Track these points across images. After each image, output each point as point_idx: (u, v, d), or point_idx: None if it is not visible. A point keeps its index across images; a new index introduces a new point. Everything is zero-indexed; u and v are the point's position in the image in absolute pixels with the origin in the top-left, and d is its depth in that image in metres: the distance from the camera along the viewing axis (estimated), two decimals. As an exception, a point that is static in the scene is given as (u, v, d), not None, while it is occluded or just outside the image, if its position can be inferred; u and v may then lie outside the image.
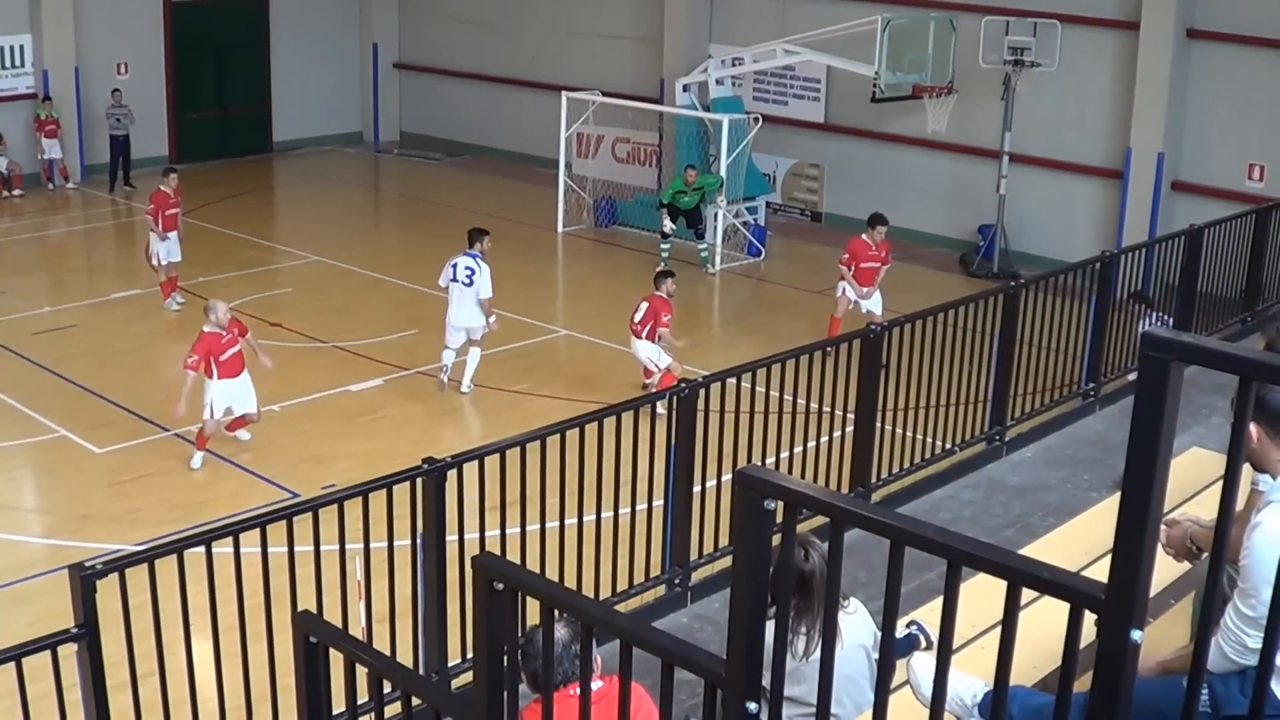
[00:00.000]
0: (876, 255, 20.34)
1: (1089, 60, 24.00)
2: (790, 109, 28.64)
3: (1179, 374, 2.86)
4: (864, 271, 20.28)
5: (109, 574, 7.46)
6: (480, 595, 4.21)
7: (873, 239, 20.27)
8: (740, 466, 3.94)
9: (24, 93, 30.97)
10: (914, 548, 3.17)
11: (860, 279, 20.26)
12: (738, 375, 10.73)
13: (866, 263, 20.27)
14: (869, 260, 20.27)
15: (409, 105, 37.17)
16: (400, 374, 19.28)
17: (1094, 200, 24.69)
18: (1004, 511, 11.16)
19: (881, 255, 20.41)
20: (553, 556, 9.52)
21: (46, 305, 22.16)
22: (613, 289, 23.62)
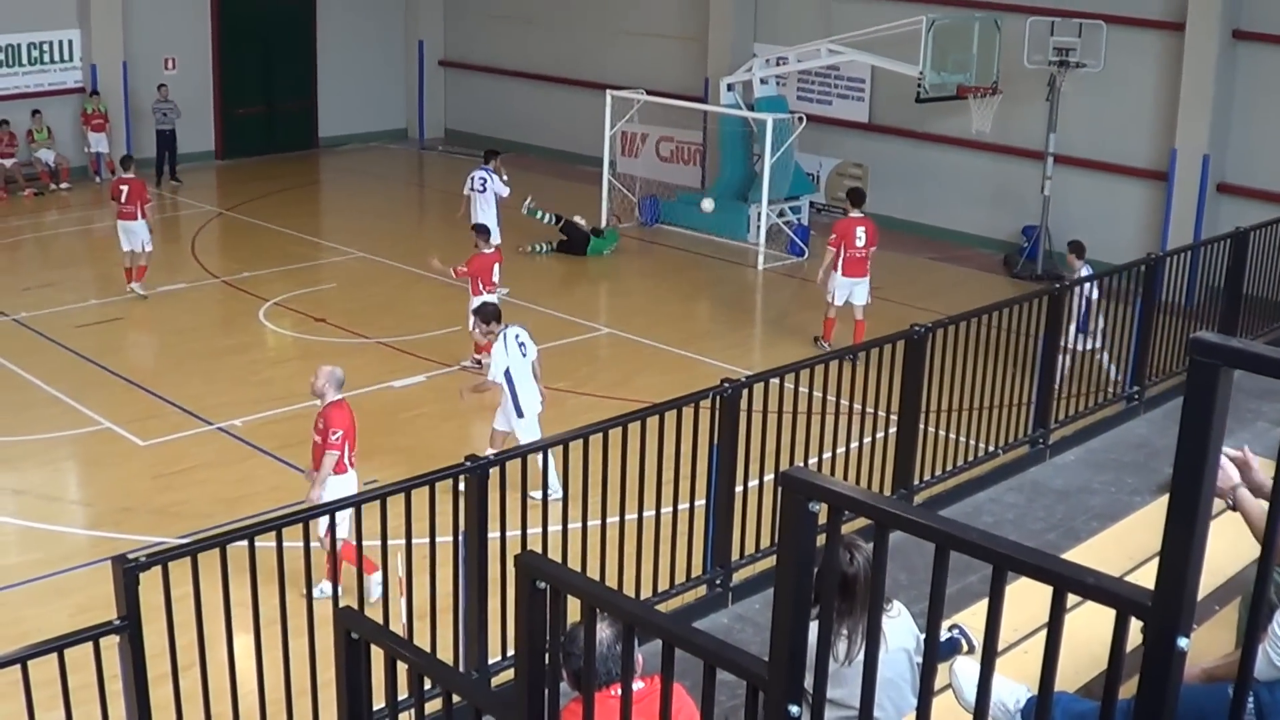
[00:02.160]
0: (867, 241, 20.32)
1: (1134, 61, 23.87)
2: (834, 109, 28.59)
3: (1228, 379, 2.84)
4: (852, 261, 20.27)
5: (152, 566, 7.50)
6: (522, 593, 4.21)
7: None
8: (784, 468, 3.93)
9: (72, 87, 31.18)
10: (959, 552, 3.16)
11: (850, 269, 20.26)
12: (780, 375, 10.72)
13: (853, 250, 20.19)
14: (854, 247, 20.21)
15: (454, 102, 37.26)
16: (443, 370, 19.32)
17: (1139, 202, 24.55)
18: (1047, 515, 11.12)
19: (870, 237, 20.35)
20: (594, 555, 9.53)
21: (92, 298, 22.27)
22: (655, 287, 23.62)
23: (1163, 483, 10.86)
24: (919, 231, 27.13)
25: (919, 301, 21.64)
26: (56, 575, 13.26)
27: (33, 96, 30.56)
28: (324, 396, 12.71)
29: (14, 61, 30.50)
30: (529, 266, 24.96)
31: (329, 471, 12.51)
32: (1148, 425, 13.14)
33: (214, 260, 25.16)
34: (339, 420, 12.55)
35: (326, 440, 12.51)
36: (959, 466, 12.02)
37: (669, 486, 10.12)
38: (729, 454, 10.06)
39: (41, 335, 20.47)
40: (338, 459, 12.51)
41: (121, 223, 22.49)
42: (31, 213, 28.75)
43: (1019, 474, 12.13)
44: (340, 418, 12.57)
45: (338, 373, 12.86)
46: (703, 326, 22.12)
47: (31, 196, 29.64)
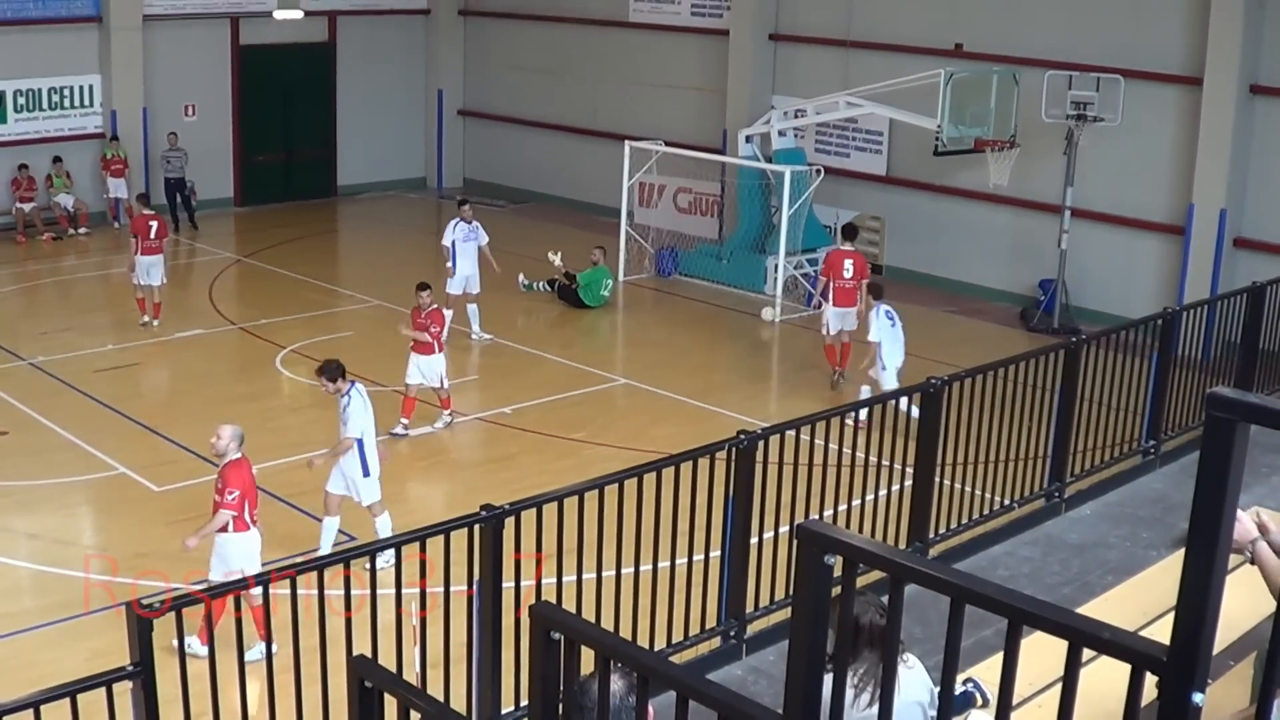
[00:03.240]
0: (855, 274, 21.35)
1: (1152, 115, 23.91)
2: (852, 161, 28.66)
3: (1244, 435, 2.84)
4: (841, 291, 21.19)
5: (166, 613, 7.50)
6: (536, 644, 4.21)
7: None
8: (800, 521, 3.93)
9: (92, 132, 31.41)
10: (975, 605, 3.16)
11: (840, 299, 21.18)
12: (796, 427, 10.71)
13: (841, 280, 21.23)
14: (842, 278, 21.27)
15: (472, 152, 37.42)
16: (459, 419, 19.32)
17: (1156, 256, 24.55)
18: (1062, 569, 11.08)
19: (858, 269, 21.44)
20: (608, 606, 9.51)
21: (110, 343, 22.35)
22: (672, 338, 23.64)
23: (1179, 537, 10.79)
24: (936, 284, 27.15)
25: (935, 354, 21.59)
26: (71, 620, 13.27)
27: (53, 141, 30.78)
28: (225, 455, 12.79)
29: (35, 106, 30.72)
30: (546, 317, 25.00)
31: (215, 526, 12.57)
32: (1164, 479, 13.10)
33: (231, 307, 25.24)
34: (236, 480, 12.56)
35: (223, 499, 12.57)
36: (974, 520, 11.98)
37: (684, 538, 10.10)
38: (744, 506, 10.04)
39: (58, 380, 20.54)
40: (233, 518, 12.50)
41: (148, 258, 22.72)
42: (50, 257, 28.91)
43: (1035, 528, 12.08)
44: (237, 477, 12.60)
45: (239, 431, 13.00)
46: (719, 378, 22.11)
47: (50, 241, 29.80)
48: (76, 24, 30.87)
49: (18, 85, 30.44)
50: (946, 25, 26.50)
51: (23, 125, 30.61)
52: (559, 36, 34.36)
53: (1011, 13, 25.75)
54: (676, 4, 31.83)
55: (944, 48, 26.22)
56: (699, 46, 31.34)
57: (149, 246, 22.97)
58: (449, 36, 36.89)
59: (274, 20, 33.96)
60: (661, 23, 32.13)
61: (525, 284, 25.96)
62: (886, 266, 28.30)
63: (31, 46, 30.34)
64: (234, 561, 12.47)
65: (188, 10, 32.47)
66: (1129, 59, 23.79)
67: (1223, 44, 22.75)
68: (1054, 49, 24.62)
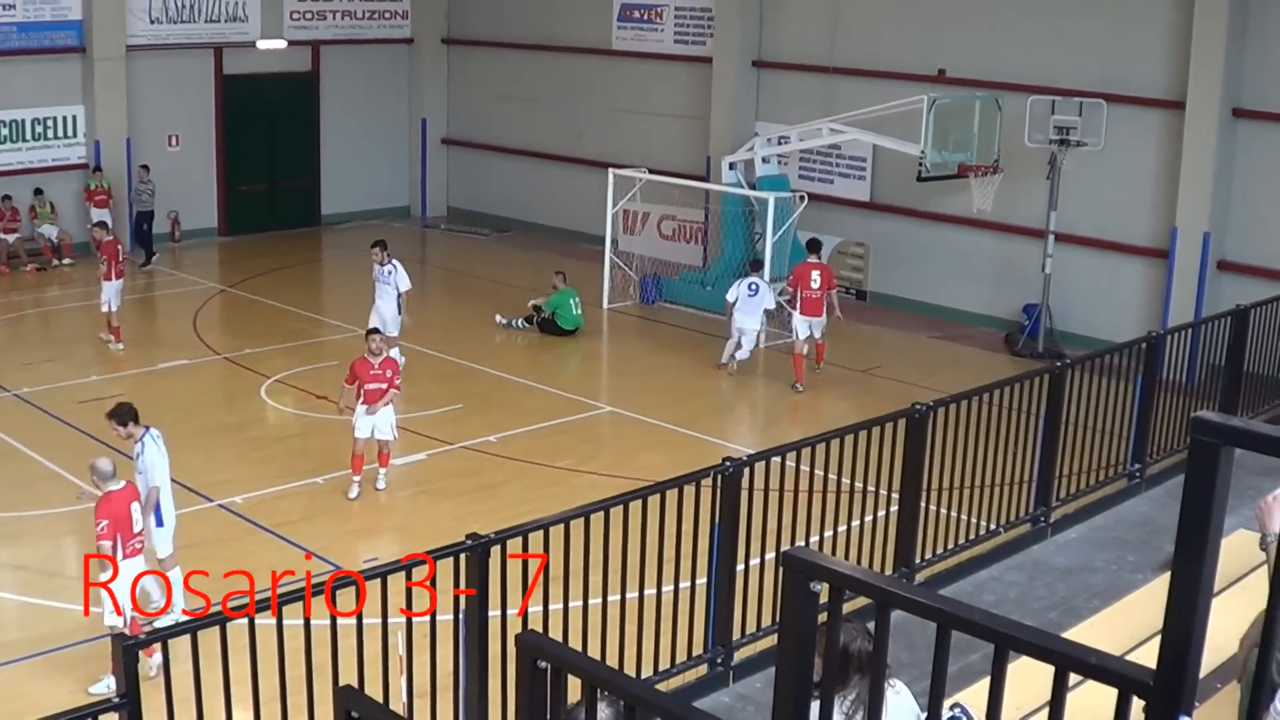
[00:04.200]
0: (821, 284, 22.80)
1: (1135, 139, 23.99)
2: (836, 187, 28.72)
3: (1229, 458, 2.84)
4: (808, 301, 22.55)
5: (151, 643, 7.47)
6: (523, 673, 4.20)
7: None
8: (785, 547, 3.93)
9: (76, 163, 31.37)
10: (961, 631, 3.16)
11: (807, 308, 22.54)
12: (782, 454, 10.72)
13: (808, 291, 22.60)
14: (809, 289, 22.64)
15: (456, 180, 37.43)
16: (444, 448, 19.30)
17: (1139, 280, 24.62)
18: (1049, 593, 11.09)
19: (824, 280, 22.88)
20: (595, 634, 9.49)
21: (94, 374, 22.30)
22: (657, 366, 23.64)
23: (1164, 560, 10.84)
24: (920, 310, 27.20)
25: (920, 380, 21.67)
26: (56, 651, 13.22)
27: (36, 172, 30.75)
28: (100, 489, 12.72)
29: (18, 137, 30.70)
30: (530, 345, 25.02)
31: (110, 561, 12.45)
32: (1149, 503, 13.12)
33: (215, 337, 25.20)
34: (103, 511, 12.47)
35: (98, 533, 12.45)
36: (960, 545, 12.00)
37: (670, 565, 10.10)
38: (730, 533, 10.05)
39: (43, 411, 20.49)
40: (111, 547, 12.38)
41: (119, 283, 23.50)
42: (34, 288, 28.86)
43: (1021, 552, 12.10)
44: (104, 509, 12.50)
45: (103, 466, 12.87)
46: (704, 405, 22.11)
47: (34, 272, 29.77)
48: (59, 55, 30.85)
49: (0, 116, 30.41)
50: (929, 51, 26.60)
51: (6, 156, 30.56)
52: (542, 65, 34.41)
53: (994, 38, 25.84)
54: (660, 31, 31.92)
55: (927, 73, 26.30)
56: (682, 74, 31.40)
57: (121, 270, 23.62)
58: (432, 65, 36.94)
59: (257, 50, 33.98)
60: (645, 50, 32.21)
61: (503, 321, 25.95)
62: (871, 292, 28.36)
63: (14, 77, 30.31)
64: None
65: (171, 40, 32.48)
66: (1112, 83, 23.88)
67: (1205, 68, 22.84)
68: (1037, 74, 24.72)
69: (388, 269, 22.38)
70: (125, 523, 12.62)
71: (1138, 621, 8.02)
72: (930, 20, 26.78)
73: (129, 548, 12.63)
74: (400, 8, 36.53)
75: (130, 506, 12.72)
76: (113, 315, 23.63)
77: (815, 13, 28.59)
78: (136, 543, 12.74)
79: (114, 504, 12.58)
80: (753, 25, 29.66)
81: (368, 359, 17.69)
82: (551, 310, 25.48)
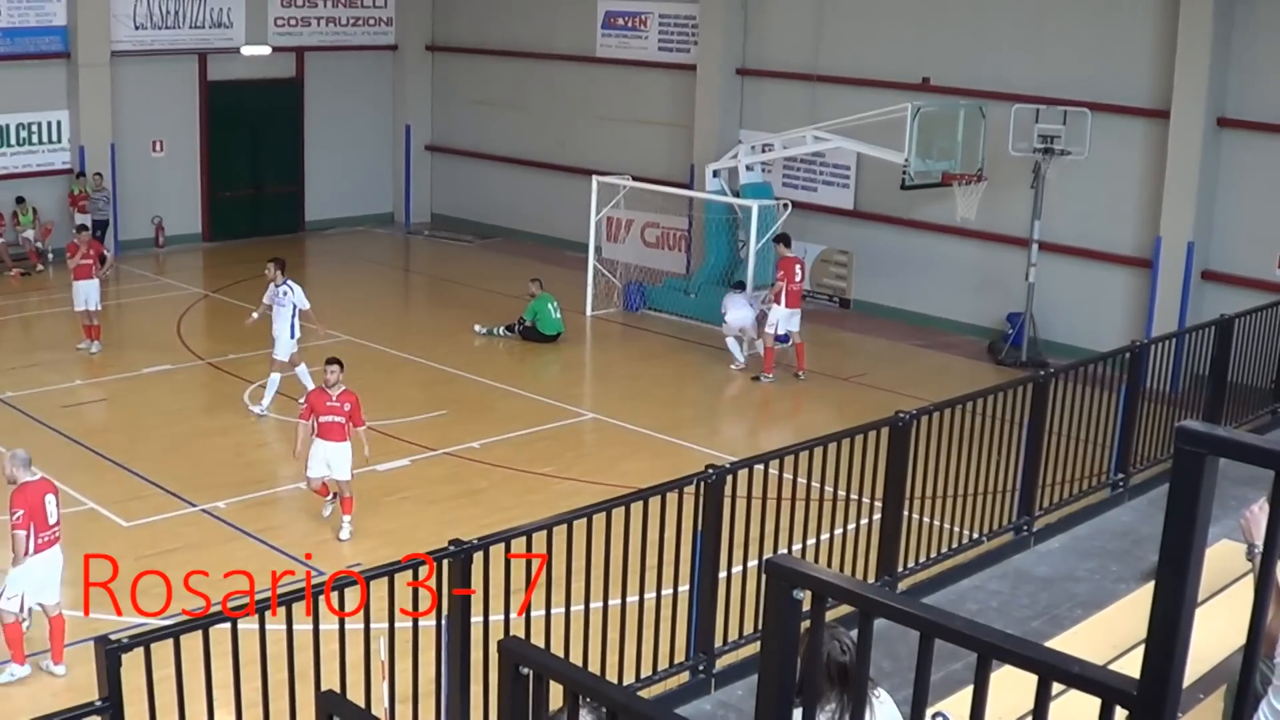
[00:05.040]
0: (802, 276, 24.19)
1: (1119, 149, 24.03)
2: (820, 195, 28.74)
3: (1213, 468, 2.84)
4: (794, 294, 23.42)
5: (134, 648, 7.45)
6: (505, 679, 4.19)
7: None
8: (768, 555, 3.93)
9: (60, 168, 31.33)
10: (944, 640, 3.15)
11: (792, 301, 23.33)
12: (765, 461, 10.72)
13: (794, 284, 23.48)
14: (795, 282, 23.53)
15: (440, 187, 37.43)
16: (427, 454, 19.29)
17: (1123, 289, 24.66)
18: (1031, 602, 11.09)
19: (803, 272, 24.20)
20: (576, 640, 9.48)
21: (77, 378, 22.24)
22: (641, 373, 23.63)
23: (1147, 570, 10.85)
24: (904, 318, 27.23)
25: (903, 388, 21.69)
26: (39, 655, 13.18)
27: (20, 177, 30.71)
28: (15, 480, 12.84)
29: (2, 142, 30.66)
30: (513, 352, 25.00)
31: (19, 551, 12.58)
32: (1132, 513, 13.12)
33: (199, 342, 25.17)
34: (18, 501, 12.62)
35: (13, 522, 12.60)
36: (943, 554, 11.99)
37: (653, 572, 10.09)
38: (713, 540, 10.03)
39: (27, 415, 20.43)
40: (25, 538, 12.53)
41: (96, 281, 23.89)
42: (18, 293, 28.78)
43: (1003, 561, 12.09)
44: (19, 499, 12.64)
45: (20, 455, 13.04)
46: (687, 412, 22.11)
47: (18, 277, 29.71)
48: (44, 60, 30.81)
49: (-15, 121, 30.39)
50: (914, 59, 26.63)
51: (-10, 161, 30.56)
52: (526, 71, 34.44)
53: (978, 47, 25.88)
54: (644, 39, 31.94)
55: (911, 81, 26.35)
56: (666, 81, 31.43)
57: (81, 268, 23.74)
58: (416, 72, 36.95)
59: (242, 56, 33.96)
60: (629, 57, 32.23)
61: (482, 330, 25.89)
62: (855, 300, 28.37)
63: (-1, 82, 30.32)
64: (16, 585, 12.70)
65: (156, 46, 32.44)
66: (1096, 92, 23.93)
67: (1189, 77, 22.90)
68: (1021, 82, 24.75)
69: (283, 289, 21.29)
70: (39, 513, 12.73)
71: (1120, 631, 8.03)
72: (914, 28, 26.82)
73: (40, 539, 12.74)
74: (385, 14, 36.54)
75: (45, 498, 12.84)
76: (93, 314, 23.60)
77: (799, 21, 28.63)
78: (50, 534, 12.87)
79: (29, 494, 12.72)
80: (737, 33, 29.70)
81: (325, 390, 16.80)
82: (531, 317, 25.47)
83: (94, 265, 23.78)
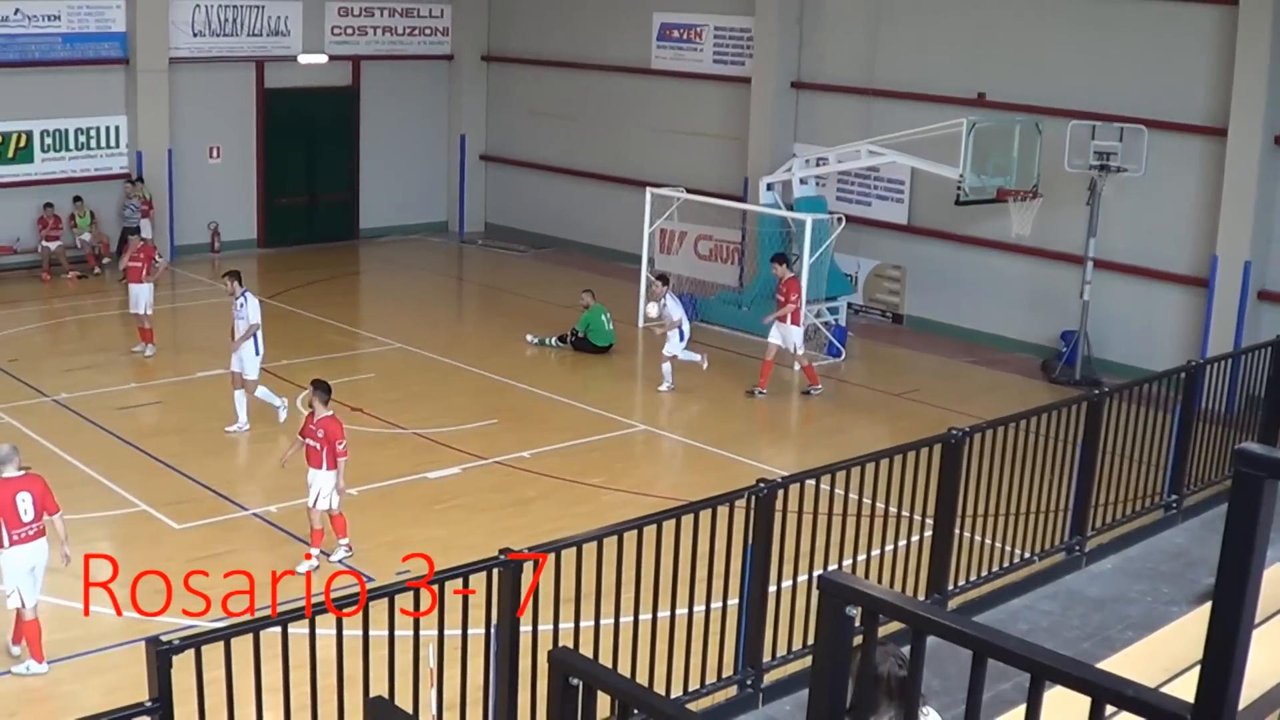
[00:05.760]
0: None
1: (1175, 166, 23.87)
2: (874, 210, 28.67)
3: (1272, 491, 2.82)
4: (797, 313, 23.30)
5: (185, 650, 7.49)
6: (554, 689, 4.20)
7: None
8: (818, 570, 3.92)
9: (117, 172, 31.56)
10: (997, 660, 3.14)
11: (797, 318, 23.24)
12: (816, 476, 10.70)
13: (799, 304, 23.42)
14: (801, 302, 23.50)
15: (494, 197, 37.53)
16: (478, 463, 19.33)
17: (1179, 308, 24.48)
18: (1082, 624, 11.03)
19: None
20: (625, 652, 9.48)
21: (131, 381, 22.39)
22: (692, 386, 23.59)
23: (1200, 593, 10.78)
24: (957, 335, 27.12)
25: (955, 405, 21.61)
26: (90, 654, 13.29)
27: (78, 181, 30.97)
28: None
29: (61, 146, 30.90)
30: (565, 362, 25.04)
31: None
32: (1185, 534, 13.04)
33: (253, 347, 25.29)
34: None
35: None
36: (994, 572, 11.94)
37: (702, 585, 10.09)
38: (763, 554, 10.03)
39: (81, 416, 20.60)
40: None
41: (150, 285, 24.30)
42: (74, 295, 29.03)
43: (1054, 581, 12.03)
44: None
45: (2, 452, 13.18)
46: (738, 425, 22.06)
47: (75, 279, 29.96)
48: (104, 66, 31.06)
49: (45, 125, 30.65)
50: (969, 74, 26.54)
51: (49, 165, 30.80)
52: (581, 83, 34.49)
53: (1035, 62, 25.76)
54: (699, 51, 31.95)
55: (967, 96, 26.26)
56: (721, 94, 31.42)
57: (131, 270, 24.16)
58: (472, 82, 37.07)
59: (299, 64, 34.16)
60: (684, 70, 32.24)
61: (535, 340, 25.91)
62: (907, 316, 28.28)
63: (59, 87, 30.59)
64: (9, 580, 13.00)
65: (213, 54, 32.67)
66: (1153, 109, 23.78)
67: (1247, 95, 22.72)
68: (1077, 99, 24.62)
69: (239, 301, 20.65)
70: (10, 512, 12.89)
71: (1171, 654, 7.95)
72: (971, 43, 26.73)
73: (15, 535, 12.92)
74: (441, 24, 36.67)
75: (16, 497, 12.98)
76: (145, 318, 23.78)
77: (855, 35, 28.60)
78: (25, 531, 13.01)
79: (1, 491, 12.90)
80: (792, 46, 29.67)
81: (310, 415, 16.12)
82: (584, 328, 25.50)
83: (144, 268, 23.91)
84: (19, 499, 13.00)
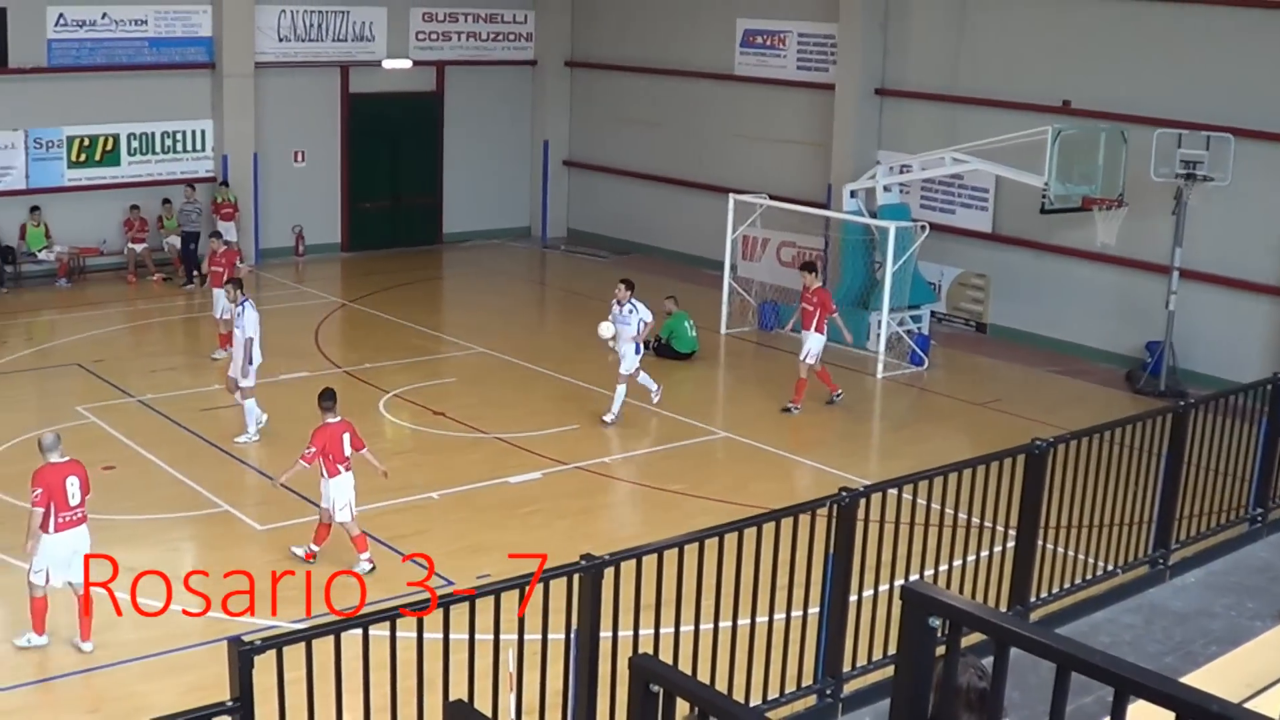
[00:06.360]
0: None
1: (1262, 175, 23.60)
2: (957, 218, 28.53)
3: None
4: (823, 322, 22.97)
5: (267, 650, 7.55)
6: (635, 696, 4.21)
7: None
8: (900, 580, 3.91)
9: (203, 176, 31.87)
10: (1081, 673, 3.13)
11: (821, 328, 22.88)
12: (899, 486, 10.66)
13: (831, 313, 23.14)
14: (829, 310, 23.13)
15: (577, 202, 37.62)
16: (559, 468, 19.37)
17: (1266, 319, 24.21)
18: (1165, 638, 10.92)
19: None
20: (705, 659, 9.48)
21: (216, 383, 22.60)
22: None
23: (1286, 608, 10.67)
24: (1041, 344, 26.94)
25: (1040, 415, 21.46)
26: (169, 654, 13.44)
27: (165, 184, 31.32)
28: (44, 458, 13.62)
29: (148, 149, 31.27)
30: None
31: (34, 527, 13.32)
32: (1270, 548, 12.89)
33: (336, 350, 25.50)
34: (38, 480, 13.37)
35: (32, 499, 13.34)
36: (1076, 585, 11.84)
37: (783, 593, 10.07)
38: (844, 563, 10.00)
39: (166, 417, 20.83)
40: (43, 515, 13.23)
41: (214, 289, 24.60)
42: (159, 297, 29.35)
43: (1137, 594, 11.92)
44: (38, 478, 13.39)
45: (47, 437, 13.86)
46: (819, 434, 22.01)
47: (160, 281, 30.30)
48: (190, 70, 31.42)
49: (131, 129, 31.03)
50: (1054, 82, 26.36)
51: (135, 168, 31.19)
52: (664, 88, 34.54)
53: (1120, 70, 25.56)
54: (782, 57, 31.91)
55: (1052, 104, 26.08)
56: (804, 100, 31.37)
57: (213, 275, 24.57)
58: (555, 87, 37.19)
59: (383, 69, 34.40)
60: (767, 76, 32.22)
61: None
62: (991, 325, 28.12)
63: (146, 91, 31.00)
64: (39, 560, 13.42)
65: (299, 59, 32.97)
66: (1239, 117, 23.52)
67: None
68: (1163, 107, 24.42)
69: (237, 309, 20.34)
70: (60, 494, 13.34)
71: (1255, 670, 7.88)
72: (1056, 51, 26.55)
73: (61, 519, 13.35)
74: (525, 30, 36.83)
75: (66, 480, 13.41)
76: (224, 322, 23.93)
77: (939, 41, 28.49)
78: (71, 515, 13.44)
79: (49, 475, 13.40)
80: (876, 53, 29.59)
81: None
82: (667, 335, 25.51)
83: (226, 273, 23.99)
84: (69, 482, 13.44)
